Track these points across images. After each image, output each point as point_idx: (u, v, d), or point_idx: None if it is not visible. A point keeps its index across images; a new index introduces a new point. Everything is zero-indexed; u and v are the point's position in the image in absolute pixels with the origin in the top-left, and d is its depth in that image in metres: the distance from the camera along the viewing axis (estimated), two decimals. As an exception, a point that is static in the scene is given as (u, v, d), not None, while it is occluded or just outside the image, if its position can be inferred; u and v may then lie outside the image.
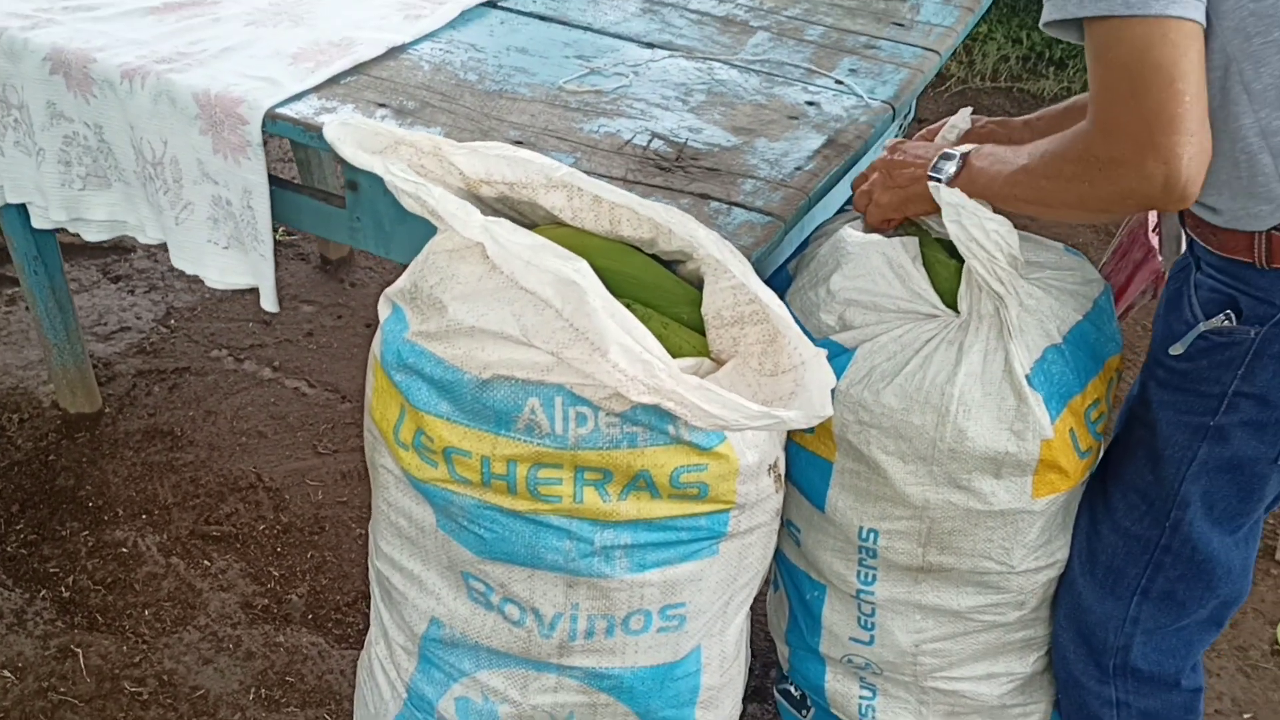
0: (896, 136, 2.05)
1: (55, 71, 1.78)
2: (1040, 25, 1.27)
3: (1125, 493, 1.53)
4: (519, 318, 1.26)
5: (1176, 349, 1.42)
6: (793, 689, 1.94)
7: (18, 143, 1.90)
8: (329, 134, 1.38)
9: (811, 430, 1.58)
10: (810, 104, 1.76)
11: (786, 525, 1.71)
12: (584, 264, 1.25)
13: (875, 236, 1.54)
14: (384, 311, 1.41)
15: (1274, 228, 1.29)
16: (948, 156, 1.44)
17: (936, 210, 1.44)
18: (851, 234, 1.54)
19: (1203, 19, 1.17)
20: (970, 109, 1.65)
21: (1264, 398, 1.37)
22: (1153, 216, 1.78)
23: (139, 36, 1.82)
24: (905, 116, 2.06)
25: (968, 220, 1.38)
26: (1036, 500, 1.51)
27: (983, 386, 1.45)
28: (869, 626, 1.68)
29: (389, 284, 3.29)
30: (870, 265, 1.52)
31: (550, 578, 1.41)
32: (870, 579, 1.63)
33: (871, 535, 1.59)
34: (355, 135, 1.39)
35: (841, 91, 1.80)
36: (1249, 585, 1.56)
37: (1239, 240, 1.33)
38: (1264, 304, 1.34)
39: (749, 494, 1.41)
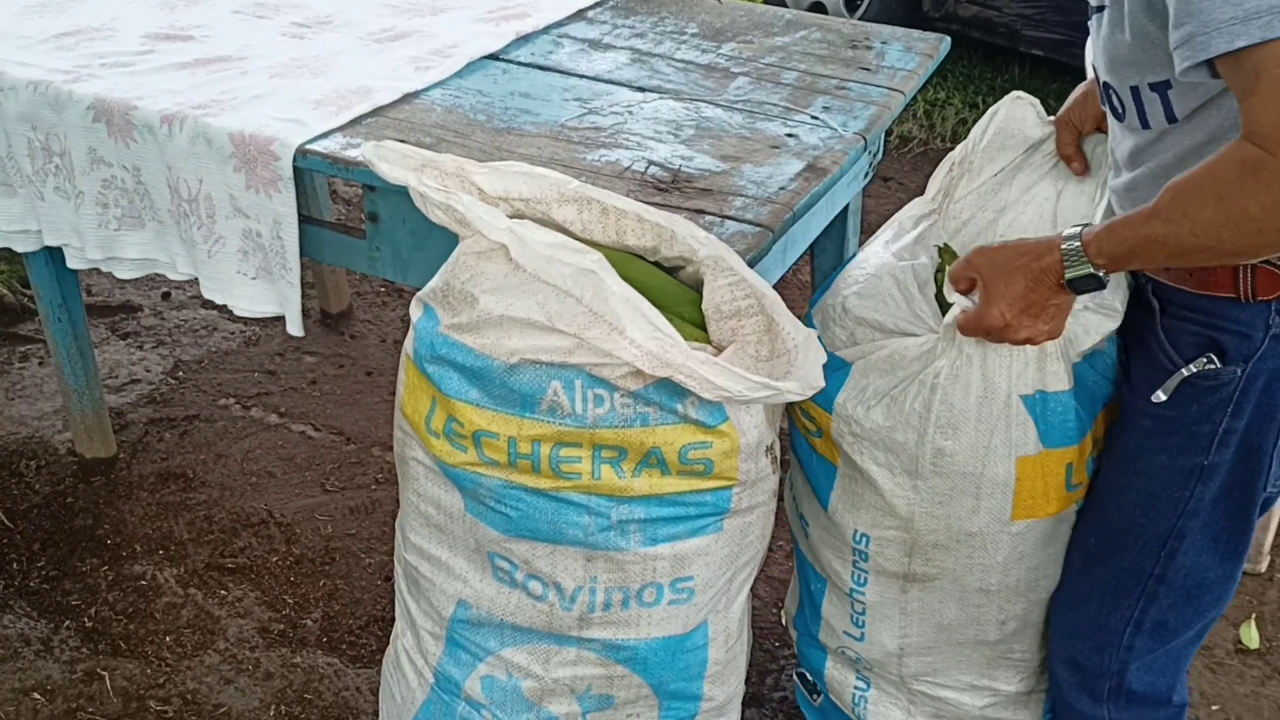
0: (868, 171, 2.24)
1: (98, 119, 1.94)
2: (1179, 73, 1.22)
3: (1116, 536, 1.56)
4: (543, 305, 1.41)
5: (1159, 396, 1.43)
6: (808, 674, 2.06)
7: (58, 188, 2.05)
8: (366, 154, 1.54)
9: (820, 435, 1.71)
10: (790, 136, 1.94)
11: (800, 518, 1.85)
12: (600, 256, 1.41)
13: (891, 260, 1.66)
14: (415, 313, 1.56)
15: (1262, 260, 1.31)
16: (1074, 262, 1.33)
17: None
18: (875, 254, 1.69)
19: None
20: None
21: (1248, 428, 1.41)
22: None
23: (174, 87, 1.98)
24: (875, 154, 2.25)
25: None
26: (1014, 523, 1.60)
27: (976, 409, 1.54)
28: (860, 624, 1.80)
29: (386, 337, 3.42)
30: (881, 287, 1.65)
31: (571, 552, 1.54)
32: (862, 580, 1.75)
33: (864, 539, 1.70)
34: (389, 156, 1.55)
35: (817, 125, 1.98)
36: (1232, 595, 1.59)
37: (1222, 276, 1.35)
38: (1246, 340, 1.37)
39: (749, 472, 1.55)
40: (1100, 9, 1.40)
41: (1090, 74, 1.62)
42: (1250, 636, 2.41)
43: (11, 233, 2.18)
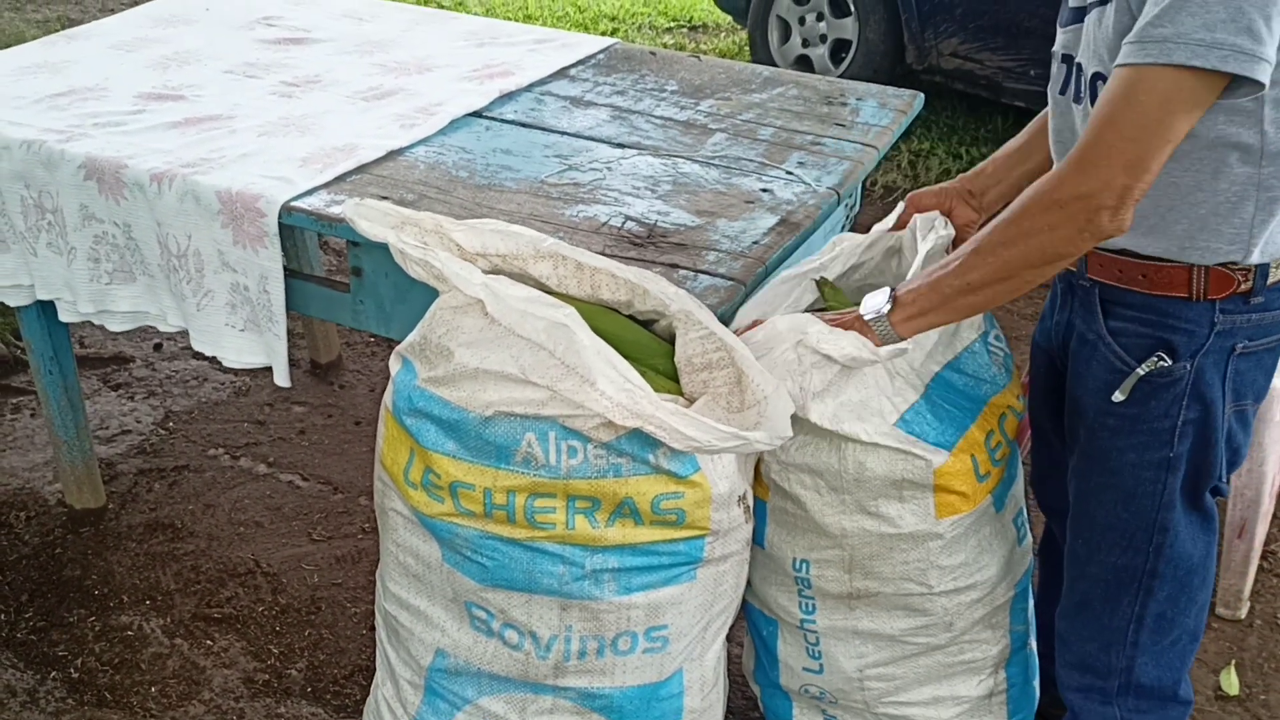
0: (844, 224, 2.29)
1: (89, 178, 1.99)
2: (1117, 61, 1.32)
3: (1103, 534, 1.62)
4: (517, 358, 1.45)
5: (1118, 397, 1.52)
6: (775, 732, 2.07)
7: (50, 244, 2.09)
8: (347, 212, 1.59)
9: None
10: (764, 191, 1.99)
11: None
12: (573, 310, 1.45)
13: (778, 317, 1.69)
14: (394, 366, 1.59)
15: (1219, 263, 1.42)
16: (874, 316, 1.52)
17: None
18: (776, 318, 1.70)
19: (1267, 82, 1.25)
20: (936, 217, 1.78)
21: (1200, 419, 1.52)
22: None
23: (164, 146, 2.03)
24: (851, 207, 2.30)
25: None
26: (940, 521, 1.66)
27: (873, 422, 1.60)
28: (816, 655, 1.83)
29: (375, 387, 3.44)
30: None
31: (546, 601, 1.56)
32: (810, 609, 1.79)
33: (804, 565, 1.74)
34: (369, 214, 1.59)
35: (792, 180, 2.03)
36: (1213, 570, 1.66)
37: (1175, 276, 1.44)
38: (1193, 337, 1.47)
39: (721, 521, 1.58)
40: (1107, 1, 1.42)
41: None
42: (1230, 683, 2.42)
43: (4, 287, 2.23)
